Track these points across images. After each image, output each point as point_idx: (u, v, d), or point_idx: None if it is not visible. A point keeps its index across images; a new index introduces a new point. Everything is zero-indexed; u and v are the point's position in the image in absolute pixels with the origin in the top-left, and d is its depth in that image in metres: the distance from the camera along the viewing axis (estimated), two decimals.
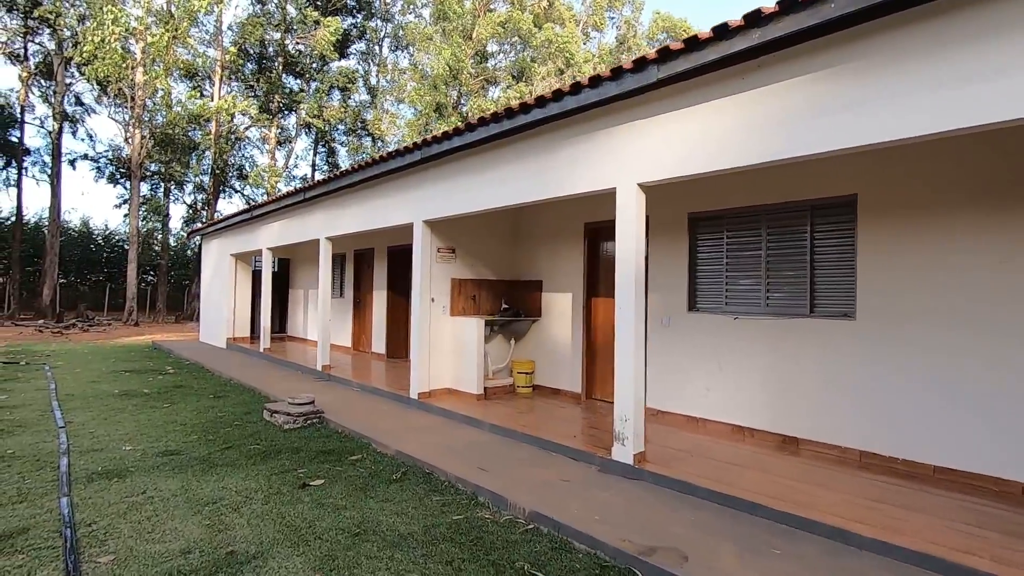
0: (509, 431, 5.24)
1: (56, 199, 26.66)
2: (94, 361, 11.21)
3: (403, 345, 10.25)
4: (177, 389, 8.11)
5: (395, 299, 10.28)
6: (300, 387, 7.94)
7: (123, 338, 17.36)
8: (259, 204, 10.61)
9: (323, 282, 8.80)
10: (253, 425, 5.94)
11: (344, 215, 8.24)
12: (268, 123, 30.53)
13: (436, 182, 6.30)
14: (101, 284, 33.05)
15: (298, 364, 9.61)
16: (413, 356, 6.59)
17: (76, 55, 20.77)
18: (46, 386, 8.18)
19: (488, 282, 7.30)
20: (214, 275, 14.37)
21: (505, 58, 38.62)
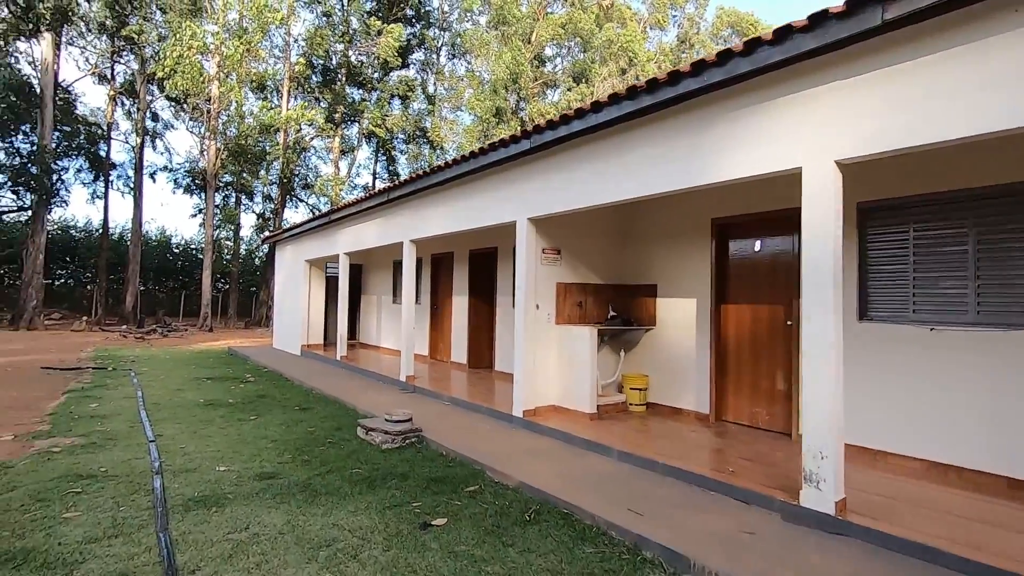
0: (645, 460, 4.45)
1: (138, 210, 27.95)
2: (176, 367, 11.21)
3: (486, 355, 9.63)
4: (260, 399, 7.78)
5: (477, 305, 9.69)
6: (385, 399, 7.43)
7: (200, 343, 17.69)
8: (337, 208, 10.30)
9: (407, 288, 8.30)
10: (348, 443, 5.41)
11: (431, 216, 7.71)
12: (332, 133, 31.08)
13: (546, 174, 5.61)
14: (177, 291, 34.53)
15: (378, 374, 9.15)
16: (517, 369, 5.91)
17: (158, 70, 21.62)
18: (133, 394, 8.04)
19: (594, 287, 6.55)
20: (287, 281, 14.30)
21: (563, 61, 38.04)
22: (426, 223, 7.86)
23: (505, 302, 8.82)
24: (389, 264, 12.75)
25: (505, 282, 8.83)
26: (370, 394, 7.82)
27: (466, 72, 39.30)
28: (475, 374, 9.10)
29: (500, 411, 6.14)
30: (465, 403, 6.77)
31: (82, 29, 26.00)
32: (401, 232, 8.46)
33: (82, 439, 5.48)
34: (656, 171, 4.48)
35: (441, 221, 7.48)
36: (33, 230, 22.44)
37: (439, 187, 7.39)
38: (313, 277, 13.18)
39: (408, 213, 8.31)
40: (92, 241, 31.52)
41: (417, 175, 7.52)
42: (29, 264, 21.99)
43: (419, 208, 8.03)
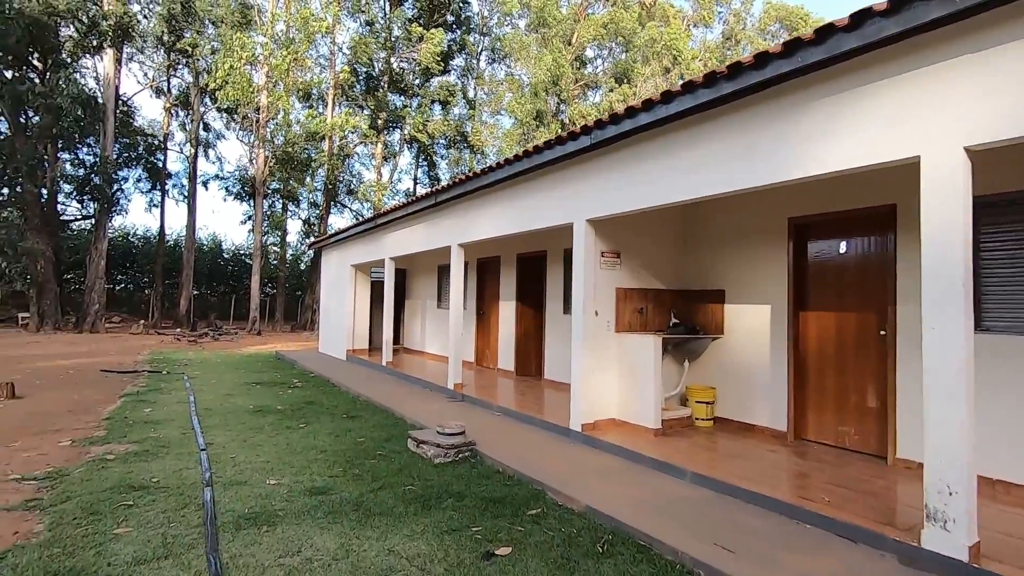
0: (724, 484, 4.02)
1: (192, 217, 28.97)
2: (226, 371, 11.34)
3: (534, 362, 9.31)
4: (308, 406, 7.69)
5: (525, 311, 9.38)
6: (433, 408, 7.20)
7: (249, 347, 18.04)
8: (384, 212, 10.20)
9: (455, 294, 8.07)
10: (399, 456, 5.18)
11: (481, 219, 7.46)
12: (375, 140, 31.49)
13: (606, 172, 5.26)
14: (227, 295, 35.67)
15: (424, 380, 8.95)
16: (574, 380, 5.55)
17: (210, 82, 22.34)
18: (186, 398, 8.08)
19: (655, 292, 6.14)
20: (333, 286, 14.37)
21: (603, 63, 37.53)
22: (475, 227, 7.62)
23: (555, 308, 8.48)
24: (434, 268, 12.61)
25: (555, 287, 8.49)
26: (417, 402, 7.61)
27: (505, 76, 39.29)
28: (523, 382, 8.78)
29: (555, 424, 5.80)
30: (517, 414, 6.45)
31: (140, 45, 27.21)
32: (448, 236, 8.25)
33: (136, 446, 5.44)
34: (736, 165, 4.06)
35: (491, 224, 7.21)
36: (96, 237, 23.50)
37: (489, 189, 7.13)
38: (358, 282, 13.17)
39: (456, 217, 8.09)
40: (150, 248, 32.89)
41: (466, 177, 7.28)
42: (92, 270, 23.03)
43: (467, 211, 7.79)
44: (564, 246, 8.30)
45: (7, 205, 21.48)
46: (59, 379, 9.87)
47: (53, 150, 22.27)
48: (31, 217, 21.24)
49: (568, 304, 8.28)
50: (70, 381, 9.64)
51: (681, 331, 5.93)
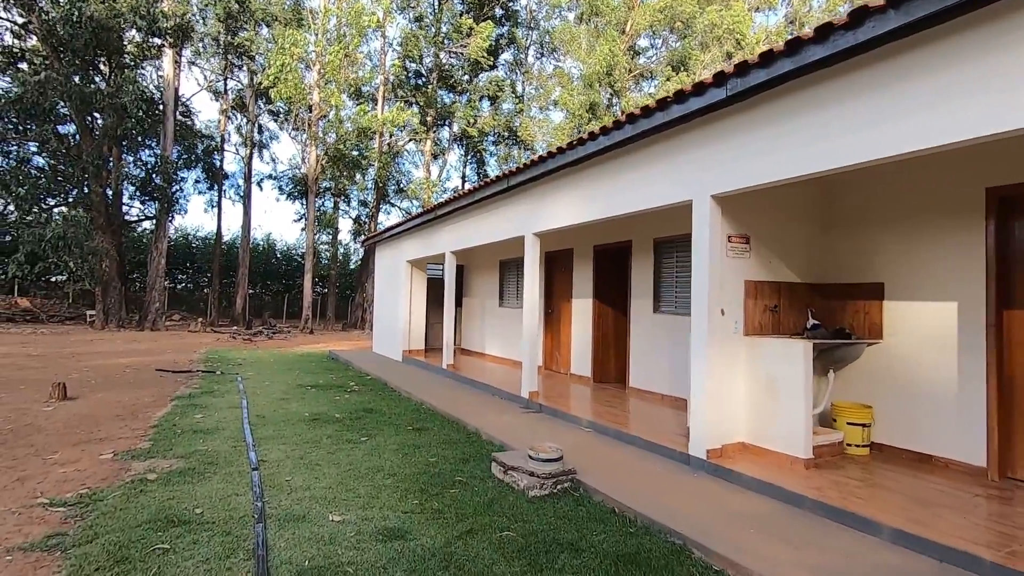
0: (947, 551, 2.89)
1: (247, 217, 29.30)
2: (280, 372, 10.81)
3: (615, 368, 8.26)
4: (368, 414, 6.91)
5: (604, 310, 8.34)
6: (508, 421, 6.27)
7: (302, 346, 17.72)
8: (443, 203, 9.37)
9: (529, 291, 7.11)
10: (482, 484, 4.26)
11: (560, 204, 6.47)
12: (424, 136, 31.05)
13: (744, 134, 4.17)
14: (280, 294, 36.13)
15: (492, 387, 8.04)
16: (695, 395, 4.48)
17: (263, 79, 22.30)
18: (238, 403, 7.47)
19: (789, 286, 4.99)
20: (387, 284, 13.71)
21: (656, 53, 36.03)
22: (553, 213, 6.64)
23: (643, 306, 7.40)
24: (494, 264, 11.72)
25: (643, 282, 7.41)
26: (488, 412, 6.70)
27: (554, 70, 38.37)
28: (604, 391, 7.74)
29: (666, 447, 4.74)
30: (613, 432, 5.43)
31: (199, 47, 27.68)
32: (521, 224, 7.30)
33: (181, 461, 4.75)
34: (934, 114, 2.92)
35: (574, 209, 6.21)
36: (156, 237, 23.91)
37: (572, 168, 6.12)
38: (414, 279, 12.44)
39: (530, 203, 7.13)
40: (207, 247, 33.62)
41: (544, 155, 6.31)
42: (152, 269, 23.42)
43: (544, 196, 6.82)
44: (653, 235, 7.22)
45: (75, 205, 22.05)
46: (115, 379, 9.52)
47: (117, 151, 22.76)
48: (96, 217, 21.71)
49: (660, 302, 7.19)
50: (125, 381, 9.27)
51: (824, 334, 4.76)
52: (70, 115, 21.03)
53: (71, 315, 25.58)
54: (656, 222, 7.12)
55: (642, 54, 37.09)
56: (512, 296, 11.05)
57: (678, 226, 6.86)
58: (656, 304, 7.19)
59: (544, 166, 6.33)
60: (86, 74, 20.83)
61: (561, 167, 6.13)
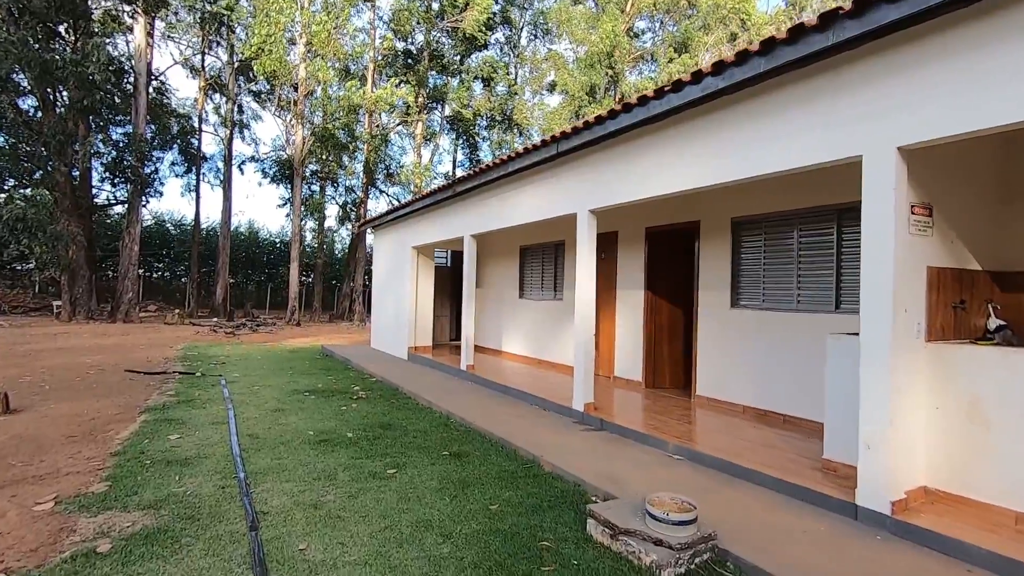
0: None
1: (227, 202, 27.51)
2: (270, 372, 9.42)
3: (675, 372, 7.07)
4: (387, 432, 5.61)
5: (659, 304, 7.12)
6: (568, 443, 5.03)
7: (290, 340, 16.28)
8: (465, 176, 8.01)
9: (585, 280, 5.84)
10: (580, 552, 3.01)
11: (636, 170, 5.18)
12: (416, 118, 29.46)
13: (939, 64, 2.93)
14: (263, 283, 34.37)
15: (529, 394, 6.79)
16: (869, 422, 3.25)
17: (244, 49, 20.56)
18: (224, 416, 6.11)
19: (970, 275, 3.79)
20: (389, 273, 12.33)
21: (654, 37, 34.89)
22: (626, 182, 5.32)
23: (716, 300, 6.18)
24: (512, 250, 10.43)
25: (716, 271, 6.19)
26: (537, 430, 5.45)
27: (548, 53, 37.06)
28: (665, 399, 6.53)
29: (813, 490, 3.53)
30: (718, 463, 4.20)
31: (173, 20, 25.68)
32: (573, 200, 5.99)
33: (149, 516, 3.42)
34: None
35: (664, 176, 4.91)
36: (129, 221, 22.09)
37: (664, 121, 4.81)
38: (420, 267, 11.08)
39: (587, 172, 5.83)
40: (185, 234, 31.73)
41: (616, 110, 5.00)
42: (125, 256, 21.65)
43: (611, 161, 5.52)
44: (732, 213, 5.99)
45: (37, 185, 20.17)
46: (74, 383, 8.06)
47: (84, 127, 20.84)
48: (61, 199, 19.88)
49: (740, 294, 5.98)
50: (86, 386, 7.82)
51: (1006, 336, 3.58)
52: (30, 86, 19.09)
53: (36, 306, 23.70)
54: (735, 198, 5.89)
55: (640, 36, 35.93)
56: (536, 287, 9.77)
57: (764, 203, 5.64)
58: (735, 297, 5.98)
59: (620, 121, 5.00)
60: (48, 41, 18.88)
61: (646, 120, 4.78)
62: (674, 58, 30.44)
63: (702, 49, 30.33)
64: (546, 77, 36.53)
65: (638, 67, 35.29)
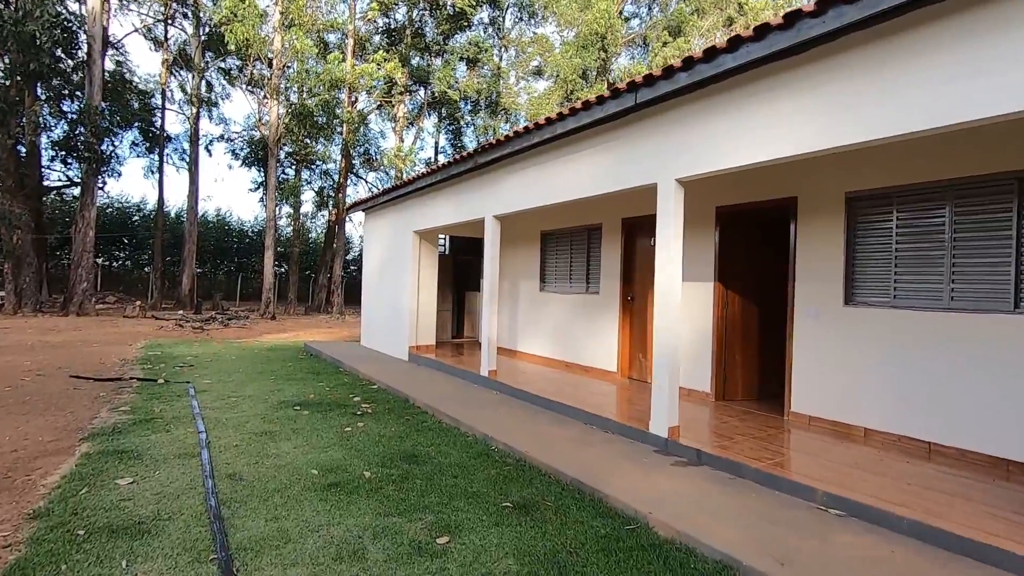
0: None
1: (194, 185, 25.46)
2: (249, 378, 7.93)
3: (747, 380, 5.88)
4: (414, 467, 4.26)
5: (730, 298, 5.91)
6: (669, 488, 3.77)
7: (266, 335, 14.67)
8: (495, 143, 6.61)
9: (667, 271, 4.57)
10: None
11: (748, 127, 3.91)
12: (399, 99, 27.75)
13: None
14: (233, 273, 32.28)
15: (582, 410, 5.50)
16: None
17: (214, 14, 18.61)
18: (194, 444, 4.67)
19: None
20: (386, 261, 10.87)
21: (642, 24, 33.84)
22: (730, 142, 4.07)
23: (823, 295, 4.98)
24: (532, 236, 9.10)
25: (821, 259, 4.99)
26: (613, 462, 4.18)
27: (534, 36, 35.76)
28: (753, 418, 5.33)
29: None
30: (913, 526, 2.99)
31: None
32: (655, 166, 4.67)
33: None
34: None
35: (788, 133, 3.66)
36: (83, 203, 19.93)
37: (784, 60, 3.56)
38: (423, 255, 9.68)
39: (672, 130, 4.54)
40: (149, 220, 29.47)
41: (711, 48, 3.72)
42: (78, 241, 19.53)
43: (706, 117, 4.24)
44: (846, 187, 4.78)
45: None
46: (2, 393, 6.46)
47: (31, 96, 18.61)
48: (4, 177, 17.72)
49: (856, 289, 4.78)
50: (17, 398, 6.24)
51: None
52: None
53: None
54: (852, 168, 4.70)
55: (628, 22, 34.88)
56: (563, 278, 8.48)
57: (897, 172, 4.45)
58: (850, 292, 4.79)
59: (732, 58, 3.72)
60: None
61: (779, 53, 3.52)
62: (668, 42, 29.41)
63: (696, 34, 29.40)
64: (532, 61, 35.24)
65: (630, 51, 34.32)
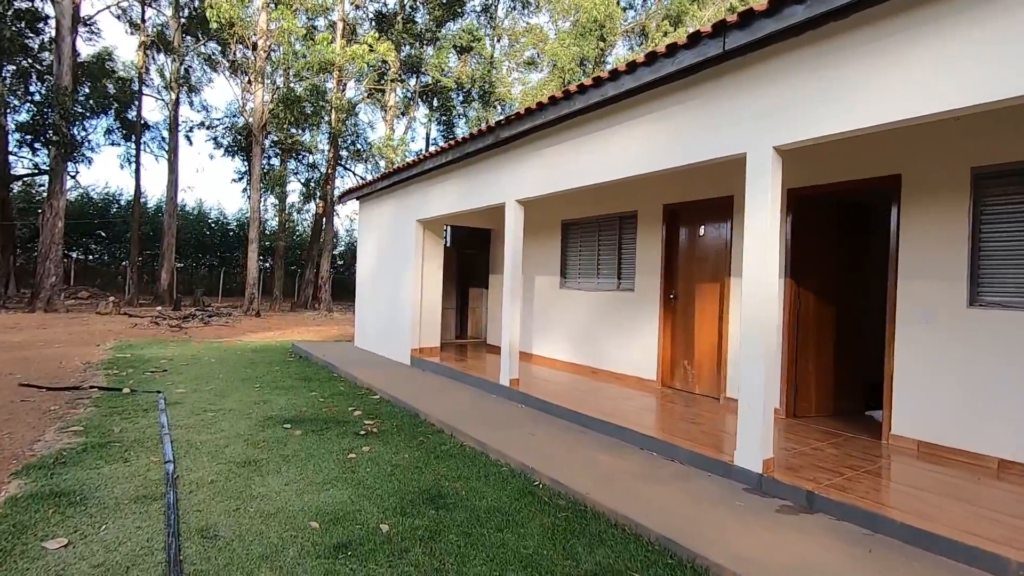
0: None
1: (174, 175, 24.09)
2: (229, 384, 6.89)
3: (822, 393, 5.00)
4: (442, 513, 3.30)
5: (803, 296, 5.00)
6: (796, 554, 2.85)
7: (250, 334, 13.56)
8: (517, 116, 5.63)
9: (759, 262, 3.65)
10: None
11: (895, 75, 3.00)
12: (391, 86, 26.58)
13: None
14: (215, 268, 30.89)
15: (637, 432, 4.57)
16: None
17: None
18: (158, 483, 3.66)
19: None
20: (384, 254, 9.85)
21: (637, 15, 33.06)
22: (861, 97, 3.15)
23: (933, 294, 4.09)
24: (549, 227, 8.15)
25: (935, 252, 4.09)
26: (701, 510, 3.27)
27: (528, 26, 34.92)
28: (844, 440, 4.43)
29: None
30: None
31: None
32: (745, 132, 3.73)
33: None
34: None
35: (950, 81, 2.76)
36: (50, 191, 18.54)
37: None
38: (427, 246, 8.68)
39: (767, 87, 3.61)
40: (126, 212, 27.98)
41: None
42: (46, 232, 18.16)
43: (819, 63, 3.32)
44: (972, 162, 3.90)
45: None
46: None
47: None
48: None
49: (983, 287, 3.90)
50: None
51: None
52: None
53: None
54: (976, 138, 3.81)
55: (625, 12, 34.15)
56: (587, 273, 7.54)
57: None
58: (974, 291, 3.90)
59: None
60: None
61: None
62: (669, 31, 28.66)
63: (698, 24, 28.70)
64: (525, 52, 34.38)
65: (627, 42, 33.59)
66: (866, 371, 5.23)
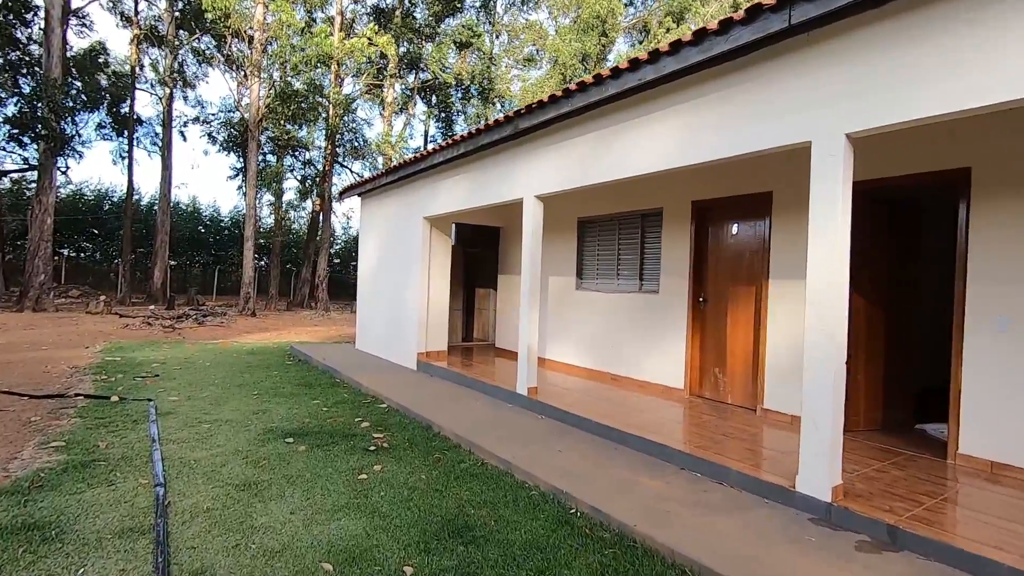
0: None
1: (167, 171, 23.56)
2: (226, 391, 6.45)
3: (871, 406, 4.62)
4: (474, 549, 2.89)
5: (859, 304, 4.61)
6: None
7: (246, 335, 13.10)
8: (539, 104, 5.22)
9: (825, 262, 3.26)
10: None
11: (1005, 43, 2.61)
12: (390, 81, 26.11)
13: None
14: (209, 266, 30.32)
15: (682, 452, 4.17)
16: None
17: None
18: (146, 512, 3.23)
19: None
20: (387, 253, 9.42)
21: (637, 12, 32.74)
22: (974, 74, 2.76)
23: (1015, 295, 3.70)
24: (564, 225, 7.73)
25: (1014, 253, 3.70)
26: (776, 555, 2.86)
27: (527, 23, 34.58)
28: (906, 460, 4.05)
29: None
30: None
31: None
32: (809, 119, 3.33)
33: None
34: None
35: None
36: (39, 187, 17.99)
37: None
38: (434, 245, 8.25)
39: (839, 61, 3.21)
40: (119, 209, 27.39)
41: None
42: (35, 229, 17.62)
43: (902, 37, 2.92)
44: None
45: None
46: None
47: None
48: None
49: None
50: None
51: None
52: None
53: None
54: None
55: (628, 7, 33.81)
56: (606, 274, 7.13)
57: None
58: None
59: None
60: None
61: None
62: (672, 28, 28.31)
63: (701, 22, 28.43)
64: (524, 48, 34.02)
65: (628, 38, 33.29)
66: (916, 380, 4.84)
